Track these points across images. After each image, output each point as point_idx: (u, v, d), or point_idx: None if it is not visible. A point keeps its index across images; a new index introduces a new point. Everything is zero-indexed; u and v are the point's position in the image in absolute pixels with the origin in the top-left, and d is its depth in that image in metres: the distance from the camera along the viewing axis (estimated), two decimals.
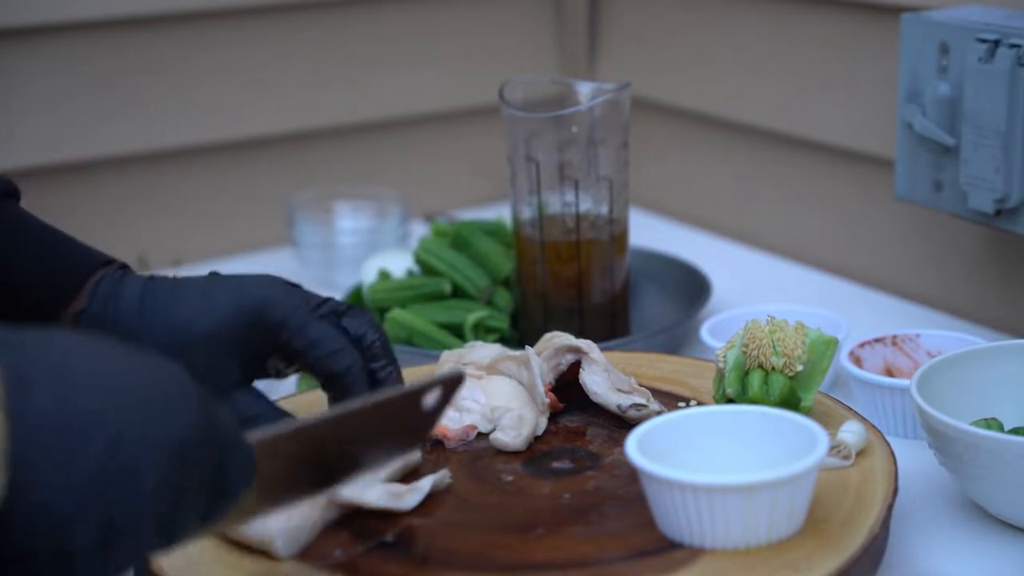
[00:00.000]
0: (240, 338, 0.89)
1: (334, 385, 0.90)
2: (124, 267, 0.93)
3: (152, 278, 0.92)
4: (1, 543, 0.59)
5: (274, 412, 0.88)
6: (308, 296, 0.92)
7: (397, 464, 0.87)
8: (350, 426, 0.74)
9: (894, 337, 1.08)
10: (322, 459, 0.74)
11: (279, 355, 0.91)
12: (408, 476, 0.89)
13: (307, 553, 0.81)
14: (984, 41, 1.06)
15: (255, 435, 0.70)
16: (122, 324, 0.89)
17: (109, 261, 0.93)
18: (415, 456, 0.90)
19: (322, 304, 0.92)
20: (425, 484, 0.86)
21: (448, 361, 1.01)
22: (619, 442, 0.91)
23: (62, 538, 0.59)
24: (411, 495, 0.85)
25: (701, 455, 0.83)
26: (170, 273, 0.95)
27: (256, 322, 0.89)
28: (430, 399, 0.77)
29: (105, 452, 0.60)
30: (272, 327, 0.89)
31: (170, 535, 0.64)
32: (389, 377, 0.92)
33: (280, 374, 0.93)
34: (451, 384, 0.77)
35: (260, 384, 0.92)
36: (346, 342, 0.90)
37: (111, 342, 0.65)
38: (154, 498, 0.61)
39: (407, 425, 0.77)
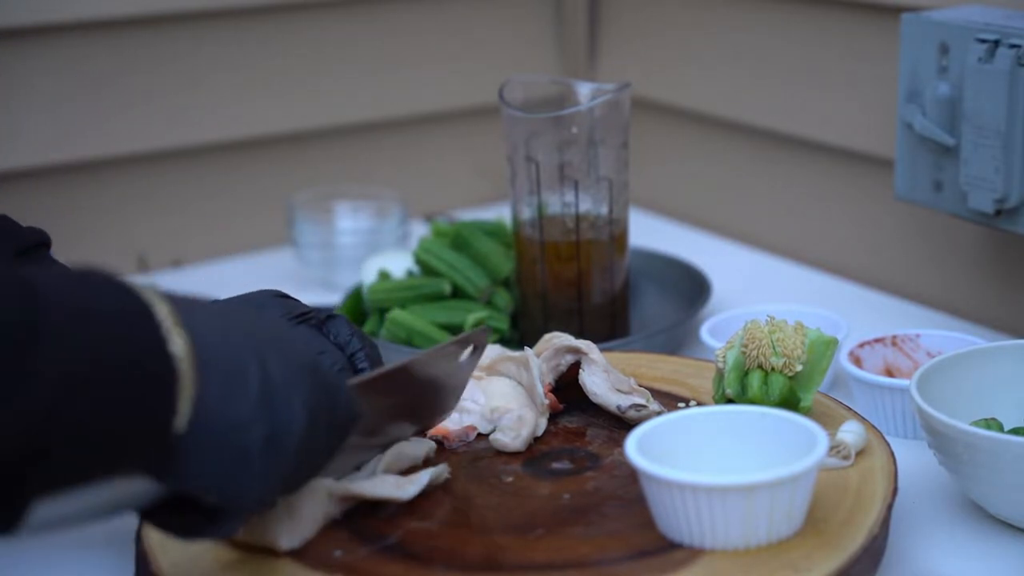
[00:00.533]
0: None
1: None
2: None
3: None
4: (190, 456, 0.67)
5: None
6: (294, 305, 0.92)
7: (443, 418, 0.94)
8: (416, 374, 0.85)
9: (894, 337, 1.08)
10: (406, 402, 0.86)
11: None
12: (408, 472, 0.89)
13: (308, 553, 0.81)
14: (984, 41, 1.06)
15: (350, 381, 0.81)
16: None
17: None
18: (430, 445, 0.92)
19: (306, 313, 0.92)
20: (423, 477, 0.86)
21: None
22: (619, 442, 0.91)
23: (242, 437, 0.68)
24: (410, 486, 0.85)
25: (701, 455, 0.83)
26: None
27: None
28: (464, 354, 0.89)
29: (261, 371, 0.70)
30: None
31: (309, 460, 0.74)
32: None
33: None
34: (481, 338, 0.90)
35: None
36: (330, 345, 0.90)
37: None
38: (300, 410, 0.71)
39: (451, 378, 0.90)
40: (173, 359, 0.66)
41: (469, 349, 0.89)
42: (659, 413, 0.94)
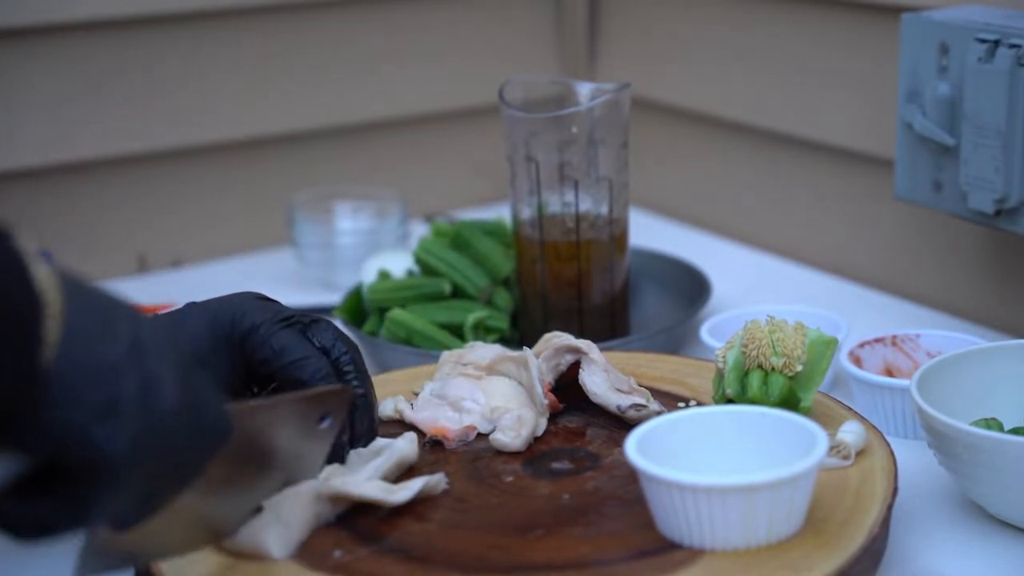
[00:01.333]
0: (213, 354, 0.89)
1: None
2: None
3: None
4: (50, 398, 0.63)
5: None
6: (279, 308, 0.92)
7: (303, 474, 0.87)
8: (254, 418, 0.79)
9: (894, 337, 1.08)
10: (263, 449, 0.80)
11: (249, 370, 0.90)
12: (403, 477, 0.89)
13: (307, 554, 0.81)
14: (984, 41, 1.06)
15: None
16: None
17: None
18: (412, 452, 0.90)
19: (291, 317, 0.91)
20: (415, 484, 0.86)
21: (448, 361, 1.01)
22: (619, 442, 0.91)
23: (112, 381, 0.64)
24: (401, 492, 0.85)
25: (701, 455, 0.83)
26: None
27: (226, 335, 0.89)
28: (325, 422, 0.84)
29: (132, 328, 0.66)
30: (240, 338, 0.89)
31: (176, 456, 0.68)
32: (357, 391, 0.91)
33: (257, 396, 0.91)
34: (338, 404, 0.84)
35: None
36: (314, 351, 0.89)
37: None
38: (171, 371, 0.67)
39: (308, 440, 0.84)
40: (35, 283, 0.62)
41: (326, 418, 0.84)
42: (659, 413, 0.94)
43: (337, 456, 0.88)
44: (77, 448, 0.64)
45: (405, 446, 0.90)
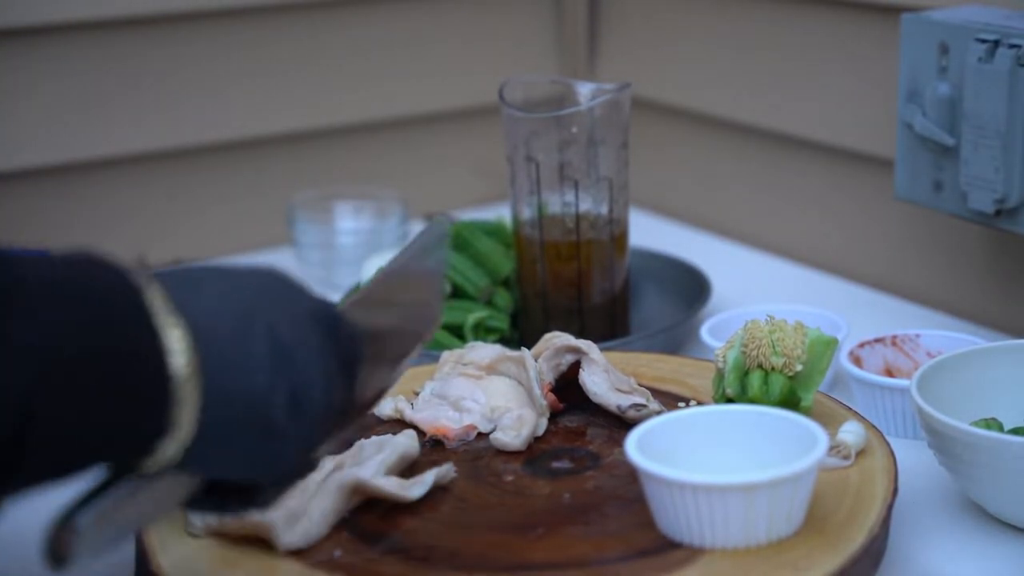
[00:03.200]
0: None
1: None
2: None
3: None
4: (211, 439, 0.65)
5: None
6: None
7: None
8: (396, 279, 0.83)
9: (894, 337, 1.08)
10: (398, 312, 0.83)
11: None
12: (407, 472, 0.89)
13: (308, 553, 0.81)
14: (984, 41, 1.06)
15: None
16: None
17: None
18: (414, 448, 0.90)
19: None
20: (428, 477, 0.86)
21: (448, 361, 1.01)
22: (619, 442, 0.91)
23: (264, 408, 0.66)
24: (416, 487, 0.85)
25: (701, 455, 0.83)
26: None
27: None
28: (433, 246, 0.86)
29: (267, 333, 0.67)
30: None
31: (338, 400, 0.71)
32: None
33: None
34: (438, 225, 0.87)
35: None
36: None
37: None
38: (316, 360, 0.68)
39: (430, 277, 0.86)
40: (167, 356, 0.63)
41: (435, 236, 0.86)
42: (659, 413, 0.94)
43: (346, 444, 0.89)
44: (249, 479, 0.68)
45: (406, 442, 0.90)
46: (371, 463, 0.87)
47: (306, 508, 0.82)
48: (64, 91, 1.38)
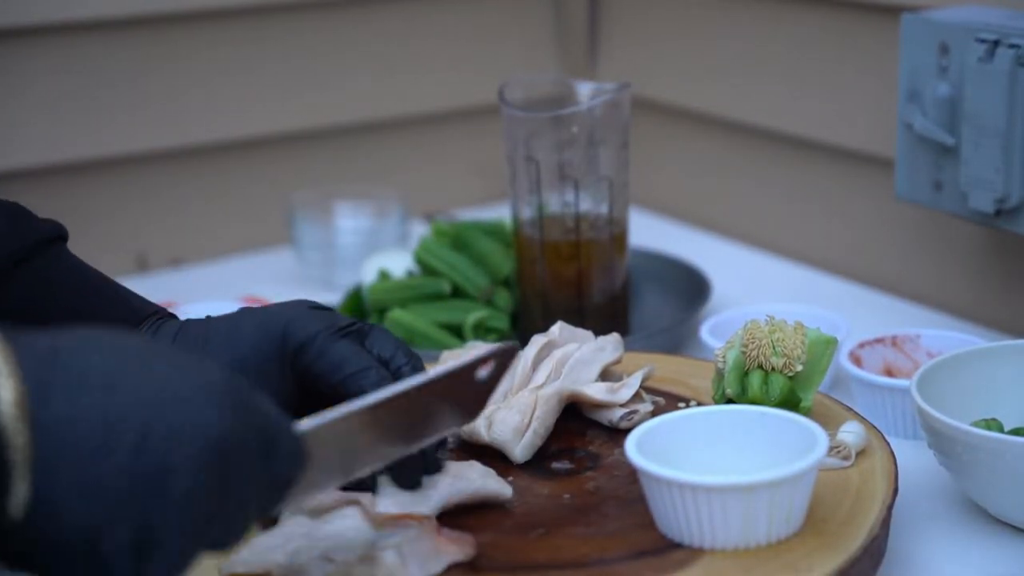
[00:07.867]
0: (268, 365, 0.84)
1: None
2: (171, 316, 0.90)
3: (188, 321, 0.88)
4: (36, 551, 0.57)
5: None
6: (334, 318, 0.86)
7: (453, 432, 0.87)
8: (405, 404, 0.74)
9: (894, 337, 1.08)
10: (383, 435, 0.74)
11: (301, 386, 0.84)
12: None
13: None
14: (984, 41, 1.06)
15: (305, 423, 0.69)
16: None
17: (155, 311, 0.90)
18: (507, 491, 0.86)
19: (348, 326, 0.85)
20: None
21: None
22: (619, 442, 0.91)
23: (93, 542, 0.57)
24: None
25: (701, 455, 0.83)
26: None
27: (281, 346, 0.84)
28: (483, 371, 0.77)
29: (132, 452, 0.57)
30: (294, 349, 0.84)
31: (222, 534, 0.62)
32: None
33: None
34: (505, 356, 0.77)
35: None
36: (373, 362, 0.83)
37: (149, 341, 0.62)
38: (191, 498, 0.58)
39: (463, 398, 0.77)
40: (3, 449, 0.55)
41: (491, 366, 0.78)
42: (652, 413, 0.94)
43: (434, 466, 0.84)
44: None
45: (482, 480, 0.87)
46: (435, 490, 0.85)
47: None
48: (64, 91, 1.38)
